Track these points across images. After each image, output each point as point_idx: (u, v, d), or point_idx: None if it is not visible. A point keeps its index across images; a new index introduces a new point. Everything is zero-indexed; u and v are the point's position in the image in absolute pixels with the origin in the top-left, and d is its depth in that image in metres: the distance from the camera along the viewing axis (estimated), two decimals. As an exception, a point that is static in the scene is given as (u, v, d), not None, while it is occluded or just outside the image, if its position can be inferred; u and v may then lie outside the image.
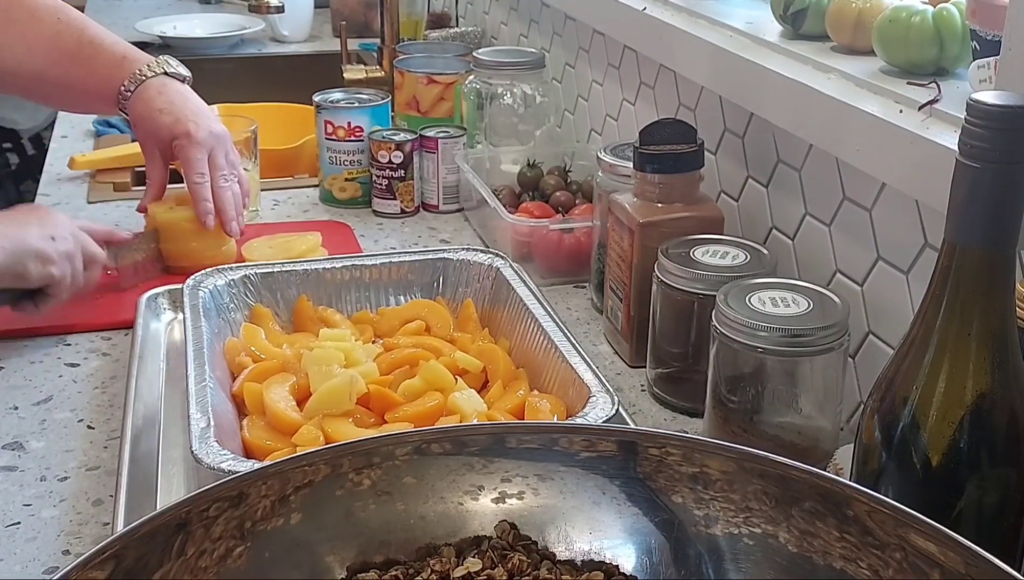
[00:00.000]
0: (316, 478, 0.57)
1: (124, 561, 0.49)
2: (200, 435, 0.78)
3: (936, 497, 0.59)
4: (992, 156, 0.54)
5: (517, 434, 0.61)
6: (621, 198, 1.02)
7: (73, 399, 0.97)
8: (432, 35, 1.94)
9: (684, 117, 1.20)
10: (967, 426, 0.58)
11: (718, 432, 0.86)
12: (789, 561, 0.54)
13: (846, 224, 0.94)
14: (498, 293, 1.04)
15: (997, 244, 0.56)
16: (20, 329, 1.08)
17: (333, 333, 0.95)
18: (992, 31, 0.79)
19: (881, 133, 0.82)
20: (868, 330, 0.91)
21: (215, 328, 0.96)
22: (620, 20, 1.27)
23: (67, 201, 1.42)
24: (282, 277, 1.05)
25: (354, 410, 0.87)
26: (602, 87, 1.45)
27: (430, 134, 1.39)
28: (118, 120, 1.71)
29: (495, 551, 0.59)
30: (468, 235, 1.34)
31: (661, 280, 0.94)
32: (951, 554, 0.48)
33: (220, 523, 0.53)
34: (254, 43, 2.30)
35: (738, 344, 0.82)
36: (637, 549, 0.59)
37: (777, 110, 0.96)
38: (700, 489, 0.57)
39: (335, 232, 1.31)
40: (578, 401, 0.85)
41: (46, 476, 0.87)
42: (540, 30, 1.68)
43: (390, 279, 1.08)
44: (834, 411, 0.85)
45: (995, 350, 0.57)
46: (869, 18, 0.93)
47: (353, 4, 2.27)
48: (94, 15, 2.49)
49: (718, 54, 1.05)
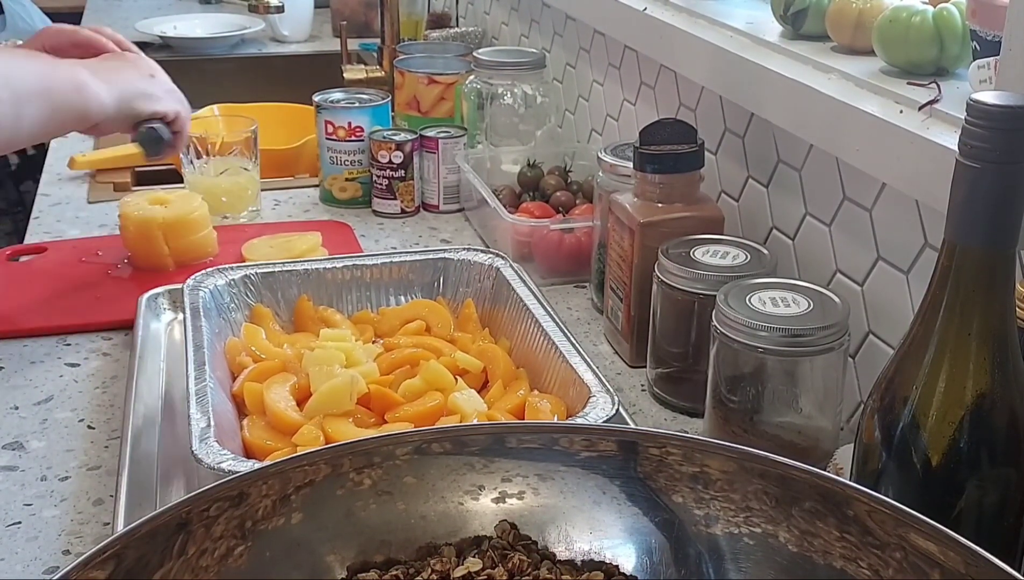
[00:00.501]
0: (316, 478, 0.57)
1: (125, 561, 0.49)
2: (200, 435, 0.78)
3: (936, 497, 0.59)
4: (992, 156, 0.54)
5: (517, 434, 0.61)
6: (621, 198, 1.02)
7: (74, 399, 0.97)
8: (432, 35, 1.94)
9: (684, 117, 1.20)
10: (967, 426, 0.58)
11: (718, 432, 0.86)
12: (789, 561, 0.54)
13: (846, 224, 0.94)
14: (498, 293, 1.04)
15: (997, 244, 0.56)
16: (20, 329, 1.08)
17: (334, 333, 0.95)
18: (992, 31, 0.79)
19: (881, 133, 0.82)
20: (868, 330, 0.92)
21: (215, 328, 0.96)
22: (620, 20, 1.27)
23: (67, 201, 1.42)
24: (283, 277, 1.05)
25: (354, 410, 0.87)
26: (602, 87, 1.45)
27: (430, 134, 1.39)
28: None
29: (495, 551, 0.59)
30: (468, 235, 1.34)
31: (661, 280, 0.94)
32: (951, 554, 0.48)
33: (221, 523, 0.53)
34: (254, 43, 2.30)
35: (738, 344, 0.82)
36: (637, 549, 0.59)
37: (777, 110, 0.96)
38: (700, 489, 0.57)
39: (335, 232, 1.31)
40: (578, 401, 0.85)
41: (47, 476, 0.87)
42: (541, 30, 1.68)
43: (391, 279, 1.08)
44: (834, 411, 0.85)
45: (995, 350, 0.57)
46: (869, 18, 0.93)
47: (353, 4, 2.27)
48: (94, 15, 2.50)
49: (718, 54, 1.05)
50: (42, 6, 2.88)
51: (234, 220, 1.36)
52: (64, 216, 1.37)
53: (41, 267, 1.21)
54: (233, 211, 1.36)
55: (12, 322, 1.08)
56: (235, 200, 1.36)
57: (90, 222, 1.35)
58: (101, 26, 1.21)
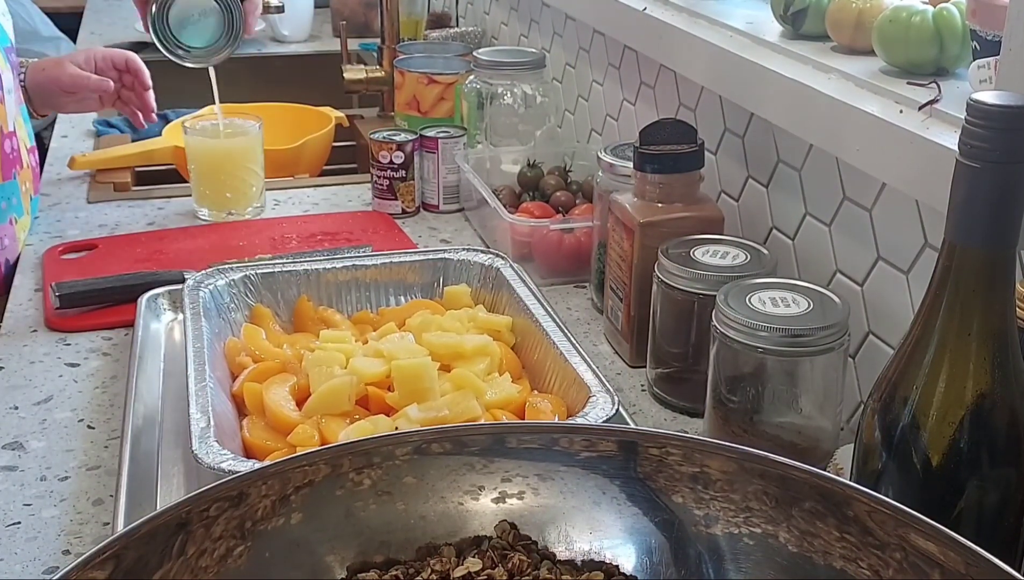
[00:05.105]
0: (316, 478, 0.57)
1: (124, 561, 0.49)
2: (200, 435, 0.78)
3: (936, 497, 0.59)
4: (992, 156, 0.54)
5: (517, 434, 0.61)
6: (621, 198, 1.02)
7: (73, 399, 0.97)
8: (432, 35, 1.94)
9: (684, 117, 1.20)
10: (967, 426, 0.58)
11: (718, 432, 0.86)
12: (789, 561, 0.54)
13: (846, 224, 0.94)
14: (498, 293, 1.04)
15: (997, 244, 0.56)
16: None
17: (334, 334, 0.95)
18: (992, 31, 0.79)
19: (881, 133, 0.82)
20: (868, 330, 0.92)
21: (215, 328, 0.96)
22: (620, 20, 1.27)
23: (67, 201, 1.42)
24: (282, 277, 1.05)
25: (353, 411, 0.87)
26: (602, 87, 1.45)
27: (430, 134, 1.39)
28: (118, 120, 1.71)
29: (495, 551, 0.59)
30: (468, 235, 1.34)
31: (661, 280, 0.94)
32: (951, 554, 0.48)
33: (220, 523, 0.53)
34: (254, 43, 2.30)
35: (738, 344, 0.82)
36: (637, 549, 0.59)
37: (777, 110, 0.96)
38: (700, 489, 0.57)
39: (369, 222, 1.34)
40: (578, 401, 0.85)
41: (46, 476, 0.87)
42: (540, 30, 1.68)
43: (390, 279, 1.08)
44: (834, 411, 0.85)
45: (995, 350, 0.57)
46: (869, 18, 0.93)
47: (353, 4, 2.27)
48: (94, 15, 2.50)
49: (718, 54, 1.05)
50: (42, 6, 2.87)
51: (239, 216, 1.36)
52: (64, 216, 1.37)
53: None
54: (238, 208, 1.36)
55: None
56: (240, 197, 1.36)
57: (90, 222, 1.35)
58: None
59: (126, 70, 1.42)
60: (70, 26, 2.60)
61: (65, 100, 1.40)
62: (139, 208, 1.40)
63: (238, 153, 1.36)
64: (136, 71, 1.42)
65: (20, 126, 1.27)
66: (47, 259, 1.22)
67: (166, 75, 1.51)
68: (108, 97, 1.41)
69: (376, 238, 1.29)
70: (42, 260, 1.23)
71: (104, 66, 1.40)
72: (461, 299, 1.04)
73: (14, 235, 1.24)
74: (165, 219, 1.37)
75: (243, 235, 1.30)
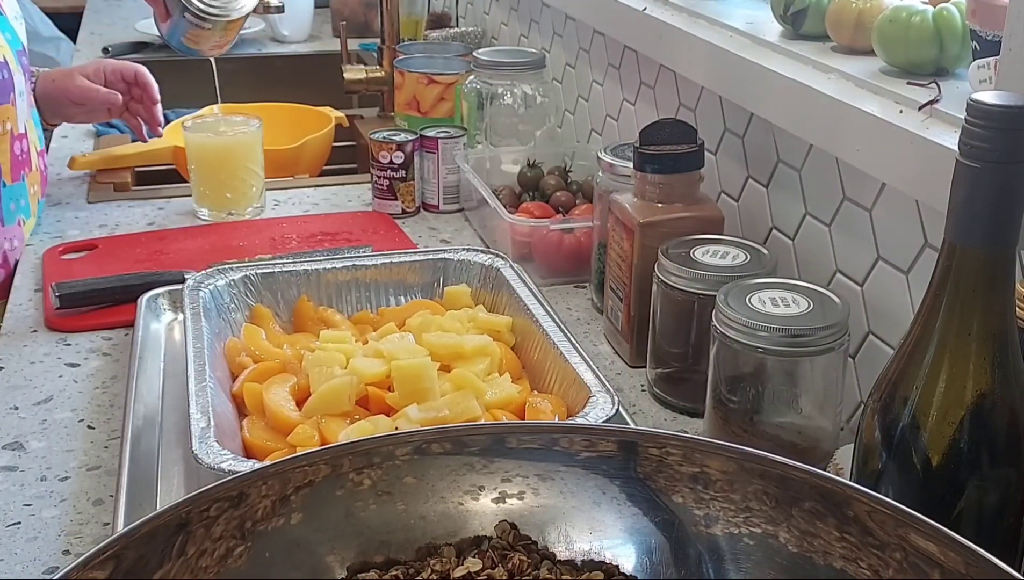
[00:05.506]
0: (316, 478, 0.57)
1: (124, 561, 0.49)
2: (200, 435, 0.78)
3: (936, 497, 0.59)
4: (992, 156, 0.54)
5: (517, 434, 0.61)
6: (621, 198, 1.02)
7: (73, 399, 0.97)
8: (432, 35, 1.94)
9: (684, 117, 1.20)
10: (967, 426, 0.58)
11: (718, 432, 0.86)
12: (789, 561, 0.54)
13: (846, 224, 0.94)
14: (498, 293, 1.04)
15: (997, 244, 0.56)
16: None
17: (334, 334, 0.95)
18: (992, 31, 0.79)
19: (881, 133, 0.82)
20: (868, 330, 0.92)
21: (215, 328, 0.96)
22: (620, 20, 1.27)
23: (67, 201, 1.42)
24: (282, 277, 1.05)
25: (353, 411, 0.87)
26: (602, 87, 1.45)
27: (430, 134, 1.39)
28: (118, 120, 1.71)
29: (495, 551, 0.59)
30: (468, 235, 1.34)
31: (661, 280, 0.94)
32: (951, 554, 0.48)
33: (220, 523, 0.53)
34: (254, 43, 2.30)
35: (738, 344, 0.82)
36: (637, 549, 0.59)
37: (777, 110, 0.96)
38: (700, 489, 0.57)
39: (369, 222, 1.34)
40: (578, 401, 0.85)
41: (46, 476, 0.87)
42: (540, 30, 1.68)
43: (390, 279, 1.08)
44: (834, 411, 0.85)
45: (995, 350, 0.57)
46: (869, 18, 0.93)
47: (353, 4, 2.27)
48: (94, 15, 2.50)
49: (718, 54, 1.05)
50: (42, 6, 2.88)
51: (239, 216, 1.36)
52: (64, 216, 1.37)
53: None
54: (238, 208, 1.36)
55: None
56: (240, 197, 1.36)
57: (90, 222, 1.35)
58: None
59: (135, 83, 1.43)
60: (70, 26, 2.60)
61: (74, 111, 1.41)
62: (139, 208, 1.40)
63: (238, 153, 1.36)
64: (145, 84, 1.43)
65: (31, 129, 1.28)
66: (47, 259, 1.22)
67: (166, 76, 1.51)
68: (116, 109, 1.41)
69: (376, 238, 1.29)
70: (42, 260, 1.23)
71: (113, 78, 1.41)
72: (461, 299, 1.04)
73: (22, 236, 1.25)
74: (165, 219, 1.37)
75: (243, 235, 1.30)
